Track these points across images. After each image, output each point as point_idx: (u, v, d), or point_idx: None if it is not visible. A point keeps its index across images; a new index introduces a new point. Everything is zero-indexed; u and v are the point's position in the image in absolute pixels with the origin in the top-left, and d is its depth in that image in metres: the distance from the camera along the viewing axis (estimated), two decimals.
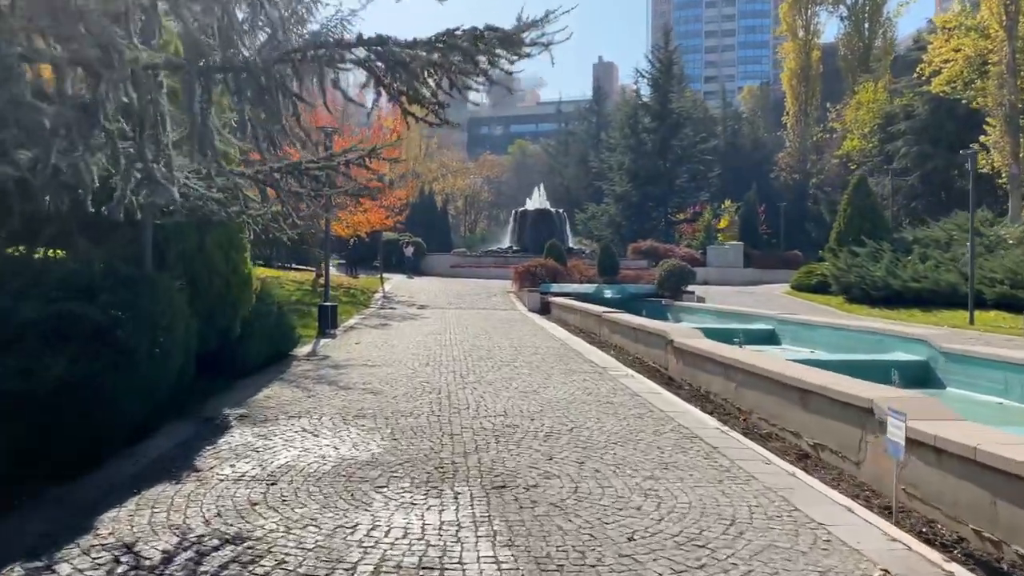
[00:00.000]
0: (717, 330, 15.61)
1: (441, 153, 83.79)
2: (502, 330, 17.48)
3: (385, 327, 17.91)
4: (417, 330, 17.20)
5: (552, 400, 8.61)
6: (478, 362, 11.84)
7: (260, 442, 6.50)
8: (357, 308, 22.90)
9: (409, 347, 13.80)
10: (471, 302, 26.38)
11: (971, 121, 46.58)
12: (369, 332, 16.66)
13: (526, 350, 13.57)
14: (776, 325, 16.74)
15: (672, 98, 54.68)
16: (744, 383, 8.50)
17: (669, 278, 25.09)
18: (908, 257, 27.12)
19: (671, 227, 53.31)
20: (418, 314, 21.84)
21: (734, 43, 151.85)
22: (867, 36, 63.54)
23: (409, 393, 8.90)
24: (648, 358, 12.37)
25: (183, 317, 6.64)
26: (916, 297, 24.78)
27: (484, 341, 14.97)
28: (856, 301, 27.04)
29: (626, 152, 55.21)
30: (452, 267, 39.56)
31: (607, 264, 29.46)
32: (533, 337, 16.04)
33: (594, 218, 56.63)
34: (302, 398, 8.52)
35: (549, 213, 44.07)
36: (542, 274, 27.10)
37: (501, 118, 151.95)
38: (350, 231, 30.82)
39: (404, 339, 15.19)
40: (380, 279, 32.68)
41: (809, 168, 65.36)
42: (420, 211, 61.80)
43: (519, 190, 78.33)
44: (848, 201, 31.91)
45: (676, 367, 10.90)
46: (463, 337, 15.76)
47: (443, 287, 31.56)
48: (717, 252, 38.51)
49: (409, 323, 19.03)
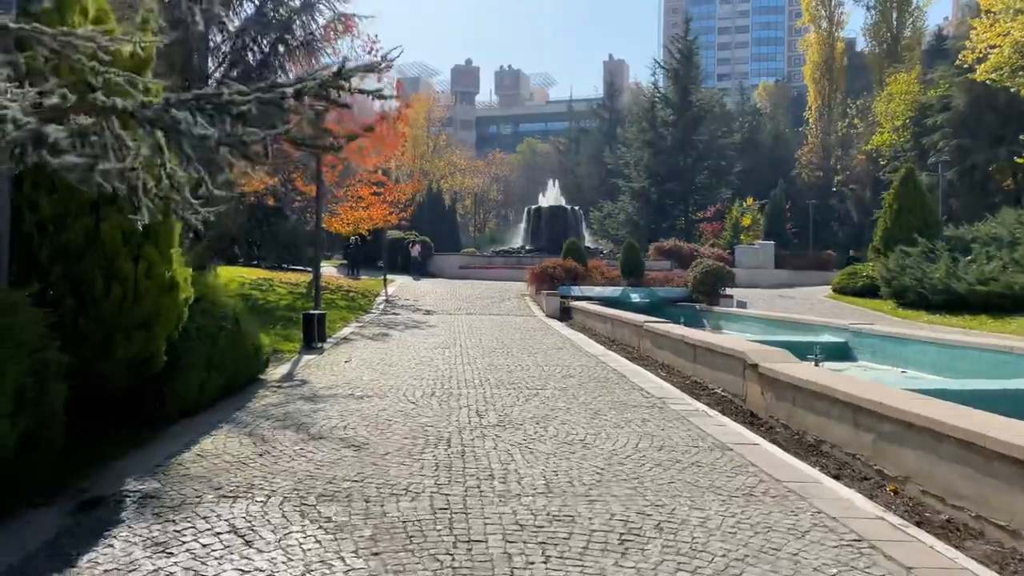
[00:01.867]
0: (775, 343, 12.98)
1: (449, 151, 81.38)
2: (521, 342, 14.83)
3: (384, 338, 15.28)
4: (421, 342, 14.56)
5: (611, 459, 5.95)
6: (497, 389, 9.18)
7: (149, 564, 3.86)
8: (355, 314, 20.29)
9: (410, 366, 11.16)
10: (482, 307, 23.75)
11: (1013, 112, 43.82)
12: (364, 345, 14.03)
13: (555, 370, 10.92)
14: (849, 337, 14.04)
15: (692, 90, 51.94)
16: (892, 436, 5.83)
17: (705, 280, 22.41)
18: (967, 257, 24.34)
19: (692, 226, 50.58)
20: (423, 321, 19.22)
21: (748, 40, 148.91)
22: (895, 26, 60.66)
23: (405, 447, 6.26)
24: (715, 383, 9.70)
25: (19, 357, 4.00)
26: (983, 302, 21.98)
27: (502, 358, 12.32)
28: (910, 306, 24.27)
29: (644, 147, 52.54)
30: (461, 268, 36.96)
31: (632, 265, 26.79)
32: (560, 352, 13.39)
33: (610, 216, 53.94)
34: (250, 457, 5.88)
35: (564, 210, 41.42)
36: (560, 275, 24.47)
37: (510, 117, 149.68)
38: (350, 228, 28.25)
39: (405, 355, 12.55)
40: (383, 281, 30.08)
41: (834, 164, 62.51)
42: (428, 210, 59.37)
43: (528, 189, 75.86)
44: (895, 196, 29.11)
45: (760, 400, 8.23)
46: (476, 352, 13.12)
47: (451, 290, 28.95)
48: (746, 253, 35.79)
49: (412, 333, 16.40)
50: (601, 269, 26.47)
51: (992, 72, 36.46)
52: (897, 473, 5.77)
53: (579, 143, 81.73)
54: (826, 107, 65.05)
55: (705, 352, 10.14)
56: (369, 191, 27.66)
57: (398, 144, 27.93)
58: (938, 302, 23.15)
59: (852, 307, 25.64)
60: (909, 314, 23.52)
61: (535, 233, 40.56)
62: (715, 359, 9.75)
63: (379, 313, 21.35)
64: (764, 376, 8.14)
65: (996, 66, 36.37)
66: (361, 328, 17.25)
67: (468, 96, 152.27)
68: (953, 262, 23.98)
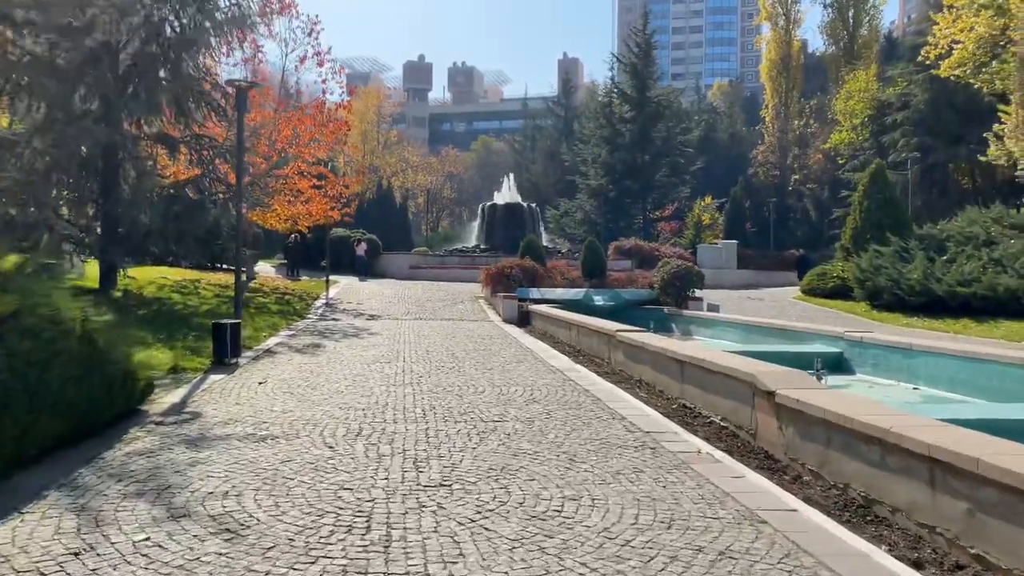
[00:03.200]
0: (761, 354, 11.37)
1: (401, 147, 78.98)
2: (475, 354, 12.91)
3: (315, 350, 13.20)
4: (358, 355, 12.53)
5: (604, 549, 4.08)
6: (444, 424, 7.26)
7: None
8: (288, 321, 18.12)
9: (339, 390, 9.16)
10: (433, 310, 21.76)
11: (971, 111, 43.37)
12: (289, 360, 11.95)
13: (516, 392, 9.04)
14: (846, 347, 12.44)
15: (650, 85, 50.58)
16: (1000, 508, 4.09)
17: (673, 282, 20.78)
18: (943, 257, 23.21)
19: (650, 225, 49.23)
20: (365, 328, 17.16)
21: (702, 39, 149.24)
22: (851, 24, 60.31)
23: (304, 532, 4.29)
24: (710, 410, 7.93)
25: None
26: (964, 304, 20.80)
27: (452, 376, 10.38)
28: (886, 308, 23.03)
29: (601, 144, 50.98)
30: (411, 268, 34.83)
31: (594, 265, 25.07)
32: (519, 366, 11.51)
33: (567, 215, 52.27)
34: (58, 561, 3.86)
35: (521, 207, 39.56)
36: (518, 276, 22.61)
37: (463, 114, 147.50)
38: (288, 225, 26.02)
39: (336, 373, 10.53)
40: (325, 282, 27.84)
41: (791, 163, 61.92)
42: (377, 207, 57.10)
43: (483, 188, 73.99)
44: (864, 194, 28.00)
45: (778, 437, 6.47)
46: (422, 367, 11.16)
47: (400, 291, 26.87)
48: (709, 252, 34.39)
49: (350, 343, 14.34)
50: (561, 269, 24.67)
51: (956, 68, 35.67)
52: (1013, 565, 4.02)
53: (534, 140, 80.00)
54: (783, 106, 64.40)
55: (696, 371, 8.35)
56: (309, 184, 25.48)
57: (341, 132, 25.76)
58: (916, 304, 21.94)
59: (824, 310, 24.33)
60: (885, 316, 22.26)
61: (490, 231, 38.64)
62: (710, 380, 7.97)
63: (316, 319, 19.21)
64: (784, 407, 6.37)
65: (960, 62, 35.65)
66: (291, 337, 15.12)
67: (421, 93, 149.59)
68: (929, 262, 22.83)
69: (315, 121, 24.88)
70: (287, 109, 25.56)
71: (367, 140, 69.89)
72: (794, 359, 12.30)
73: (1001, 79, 34.02)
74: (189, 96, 17.59)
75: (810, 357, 12.53)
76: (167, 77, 17.69)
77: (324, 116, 25.09)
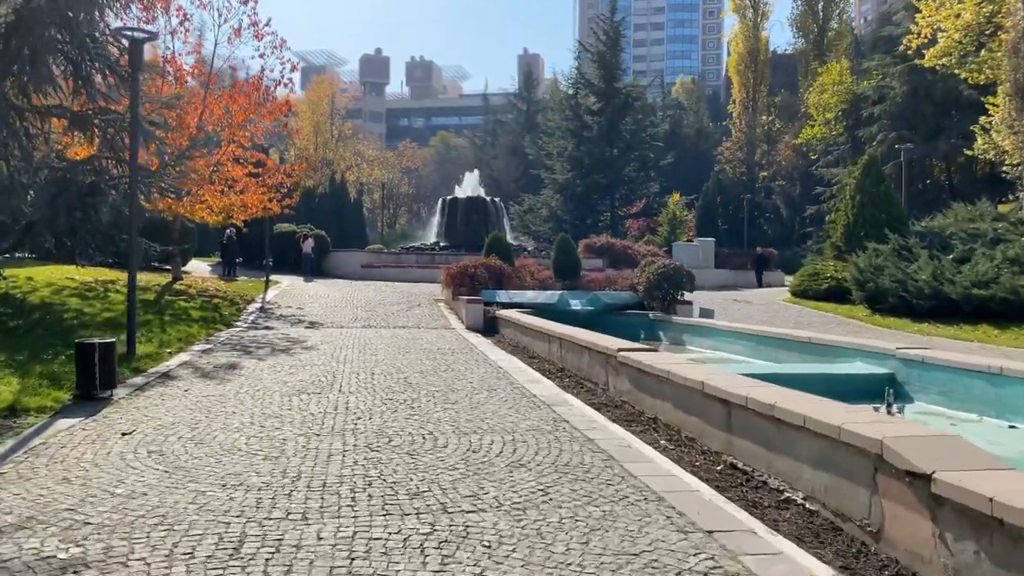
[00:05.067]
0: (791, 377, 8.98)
1: (356, 141, 75.62)
2: (435, 377, 10.14)
3: (228, 374, 10.29)
4: (282, 381, 9.67)
5: None
6: (384, 526, 4.50)
7: None
8: (209, 330, 15.12)
9: (233, 448, 6.33)
10: (385, 316, 18.90)
11: (950, 104, 41.94)
12: (186, 391, 9.04)
13: (493, 448, 6.32)
14: (898, 367, 9.95)
15: (618, 76, 48.19)
16: None
17: (660, 284, 18.24)
18: (949, 256, 21.11)
19: (618, 221, 46.85)
20: (301, 340, 14.25)
21: (663, 37, 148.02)
22: (821, 18, 58.85)
23: None
24: (789, 482, 5.30)
25: None
26: (980, 308, 18.67)
27: (403, 417, 7.60)
28: (890, 312, 20.82)
29: (567, 136, 48.43)
30: (364, 267, 31.82)
31: (566, 265, 22.45)
32: (492, 396, 8.79)
33: (532, 211, 49.59)
34: None
35: (484, 202, 36.75)
36: (483, 277, 19.87)
37: (422, 109, 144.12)
38: (220, 217, 22.89)
39: (240, 415, 7.67)
40: (265, 282, 24.79)
41: (759, 160, 60.23)
42: (330, 202, 53.95)
43: (442, 185, 71.10)
44: (857, 188, 25.88)
45: (937, 550, 3.87)
46: (363, 401, 8.36)
47: (349, 293, 23.91)
48: (685, 251, 31.97)
49: (277, 362, 11.44)
50: (530, 269, 21.96)
51: (942, 57, 33.90)
52: None
53: (495, 135, 77.30)
54: (750, 100, 62.77)
55: (757, 420, 5.73)
56: (244, 172, 22.40)
57: (280, 112, 22.71)
58: (925, 308, 19.74)
59: (822, 314, 22.04)
60: (891, 322, 20.04)
61: (450, 227, 35.76)
62: (786, 437, 5.34)
63: (245, 327, 16.22)
64: (950, 504, 3.77)
65: (945, 50, 33.87)
66: (204, 354, 12.17)
67: (378, 87, 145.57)
68: (935, 262, 20.69)
69: (251, 100, 21.80)
70: (219, 86, 22.41)
71: (320, 132, 66.36)
72: (835, 383, 9.86)
73: (991, 68, 32.35)
74: (86, 59, 14.47)
75: (857, 381, 10.07)
76: (59, 36, 14.55)
77: (261, 94, 22.01)
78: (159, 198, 19.25)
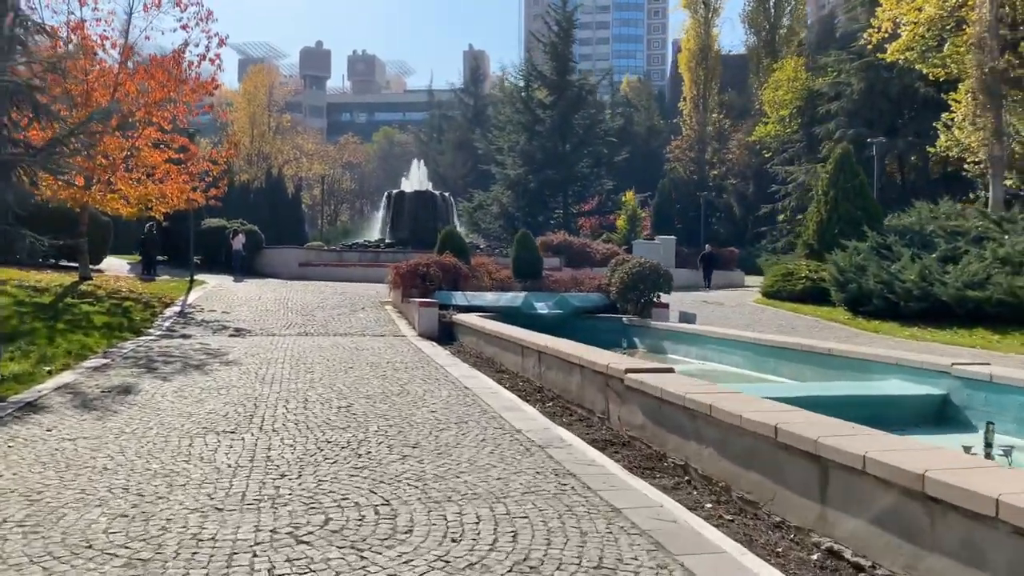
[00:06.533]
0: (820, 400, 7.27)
1: (295, 134, 72.41)
2: (387, 405, 8.00)
3: (118, 402, 7.95)
4: (185, 414, 7.40)
5: None
6: None
7: None
8: (112, 340, 12.65)
9: (86, 537, 4.11)
10: (325, 322, 16.60)
11: (905, 101, 41.42)
12: (52, 430, 6.70)
13: (476, 521, 4.26)
14: (955, 388, 8.21)
15: (571, 68, 46.47)
16: None
17: (635, 285, 16.38)
18: (932, 255, 19.83)
19: (571, 219, 45.13)
20: (222, 352, 11.91)
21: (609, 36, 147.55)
22: (773, 14, 58.28)
23: None
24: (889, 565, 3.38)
25: None
26: (974, 311, 17.37)
27: (342, 469, 5.46)
28: (873, 315, 19.45)
29: (519, 130, 46.49)
30: (301, 266, 29.26)
31: (527, 264, 20.45)
32: (464, 435, 6.70)
33: (482, 207, 47.47)
34: None
35: (433, 196, 34.48)
36: (437, 277, 17.72)
37: (364, 104, 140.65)
38: (137, 210, 20.24)
39: (113, 474, 5.40)
40: (188, 283, 22.17)
41: (710, 158, 59.33)
42: (267, 197, 51.07)
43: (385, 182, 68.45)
44: (830, 183, 24.54)
45: None
46: (291, 443, 6.18)
47: (284, 295, 21.46)
48: (647, 249, 30.24)
49: (185, 384, 9.12)
50: (488, 268, 19.88)
51: (905, 51, 33.08)
52: None
53: (441, 131, 75.01)
54: (701, 98, 61.89)
55: (886, 494, 3.79)
56: (163, 157, 19.80)
57: (207, 92, 20.15)
58: (913, 310, 18.38)
59: (803, 317, 20.56)
60: (877, 326, 18.65)
61: (397, 223, 33.37)
62: (952, 525, 3.42)
63: (157, 336, 13.76)
64: None
65: (908, 44, 33.04)
66: (98, 371, 9.77)
67: (319, 81, 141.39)
68: (918, 261, 19.38)
69: (171, 76, 19.21)
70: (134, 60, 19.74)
71: (256, 124, 63.02)
72: (879, 408, 8.11)
73: (955, 62, 31.61)
74: None
75: (904, 404, 8.31)
76: None
77: (183, 70, 19.43)
78: (57, 185, 16.56)
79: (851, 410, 7.48)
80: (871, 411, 7.89)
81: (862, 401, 8.09)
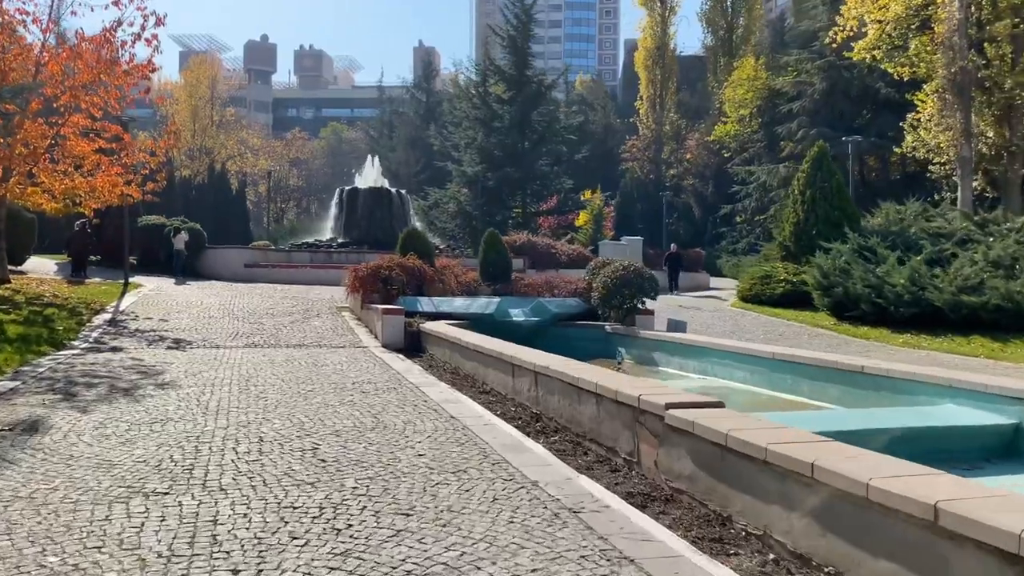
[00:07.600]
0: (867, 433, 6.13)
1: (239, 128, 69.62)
2: (361, 446, 6.49)
3: (17, 448, 6.25)
4: (106, 464, 5.78)
5: None
6: None
7: None
8: (25, 355, 10.81)
9: None
10: (275, 331, 14.92)
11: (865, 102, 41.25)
12: None
13: None
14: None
15: (530, 62, 45.20)
16: None
17: (618, 290, 15.09)
18: (918, 257, 19.06)
19: (531, 219, 43.85)
20: (157, 370, 10.20)
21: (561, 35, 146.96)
22: (731, 13, 57.95)
23: None
24: None
25: None
26: (970, 317, 16.56)
27: (319, 557, 3.97)
28: (859, 320, 18.59)
29: (476, 126, 44.99)
30: (248, 266, 27.31)
31: (496, 266, 19.03)
32: (466, 490, 5.26)
33: (438, 206, 45.81)
34: None
35: (389, 193, 32.73)
36: (400, 280, 16.17)
37: (312, 100, 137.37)
38: (62, 205, 18.21)
39: None
40: (123, 285, 20.17)
41: (667, 157, 58.72)
42: (210, 194, 48.53)
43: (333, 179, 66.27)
44: (806, 183, 23.70)
45: None
46: (245, 512, 4.64)
47: (229, 299, 19.63)
48: (614, 250, 28.98)
49: (108, 417, 7.45)
50: (454, 271, 18.39)
51: (871, 50, 32.64)
52: None
53: (392, 127, 73.01)
54: (657, 97, 61.29)
55: None
56: (93, 147, 17.81)
57: (142, 76, 18.21)
58: (904, 316, 17.52)
59: (787, 323, 19.59)
60: (867, 332, 17.74)
61: (350, 221, 31.55)
62: None
63: (83, 349, 11.94)
64: None
65: (875, 43, 32.62)
66: (3, 398, 8.02)
67: (264, 75, 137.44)
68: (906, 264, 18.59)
69: (100, 57, 17.24)
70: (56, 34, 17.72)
71: (198, 118, 60.17)
72: (945, 441, 6.95)
73: (923, 61, 31.27)
74: None
75: (972, 436, 7.15)
76: None
77: (114, 50, 17.46)
78: None
79: (904, 445, 6.32)
80: (928, 444, 6.75)
81: (927, 433, 6.90)
